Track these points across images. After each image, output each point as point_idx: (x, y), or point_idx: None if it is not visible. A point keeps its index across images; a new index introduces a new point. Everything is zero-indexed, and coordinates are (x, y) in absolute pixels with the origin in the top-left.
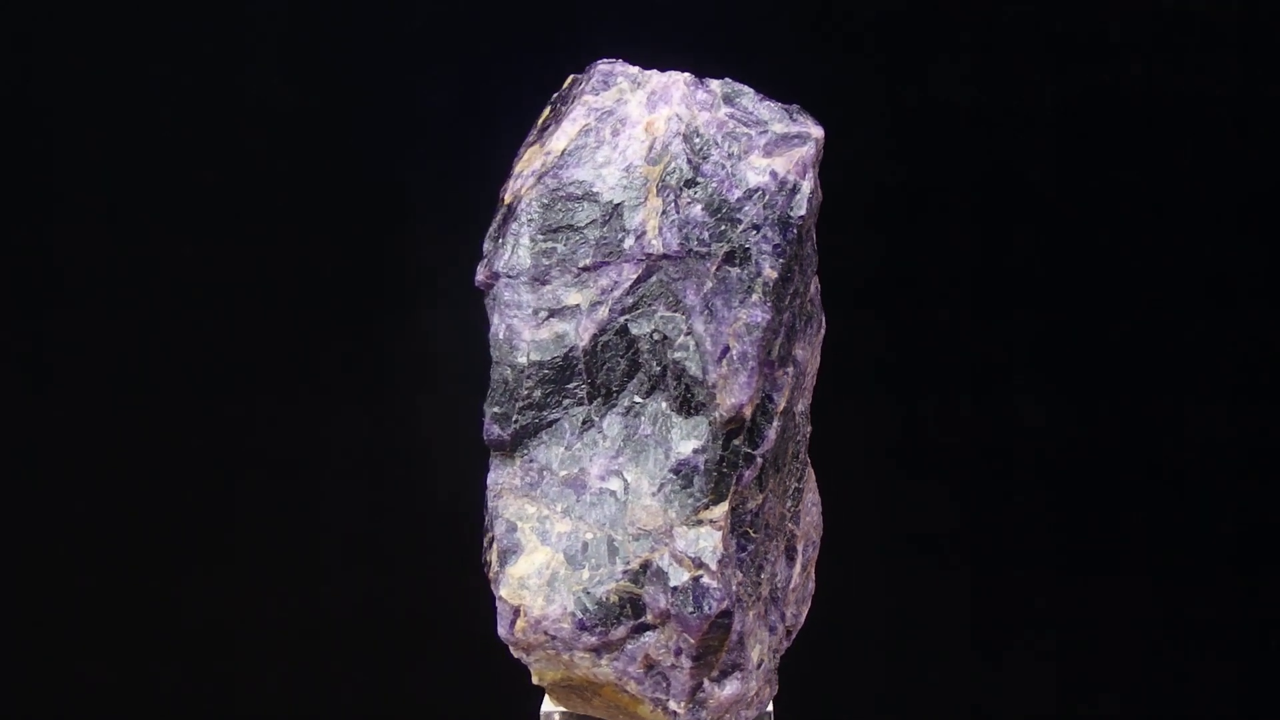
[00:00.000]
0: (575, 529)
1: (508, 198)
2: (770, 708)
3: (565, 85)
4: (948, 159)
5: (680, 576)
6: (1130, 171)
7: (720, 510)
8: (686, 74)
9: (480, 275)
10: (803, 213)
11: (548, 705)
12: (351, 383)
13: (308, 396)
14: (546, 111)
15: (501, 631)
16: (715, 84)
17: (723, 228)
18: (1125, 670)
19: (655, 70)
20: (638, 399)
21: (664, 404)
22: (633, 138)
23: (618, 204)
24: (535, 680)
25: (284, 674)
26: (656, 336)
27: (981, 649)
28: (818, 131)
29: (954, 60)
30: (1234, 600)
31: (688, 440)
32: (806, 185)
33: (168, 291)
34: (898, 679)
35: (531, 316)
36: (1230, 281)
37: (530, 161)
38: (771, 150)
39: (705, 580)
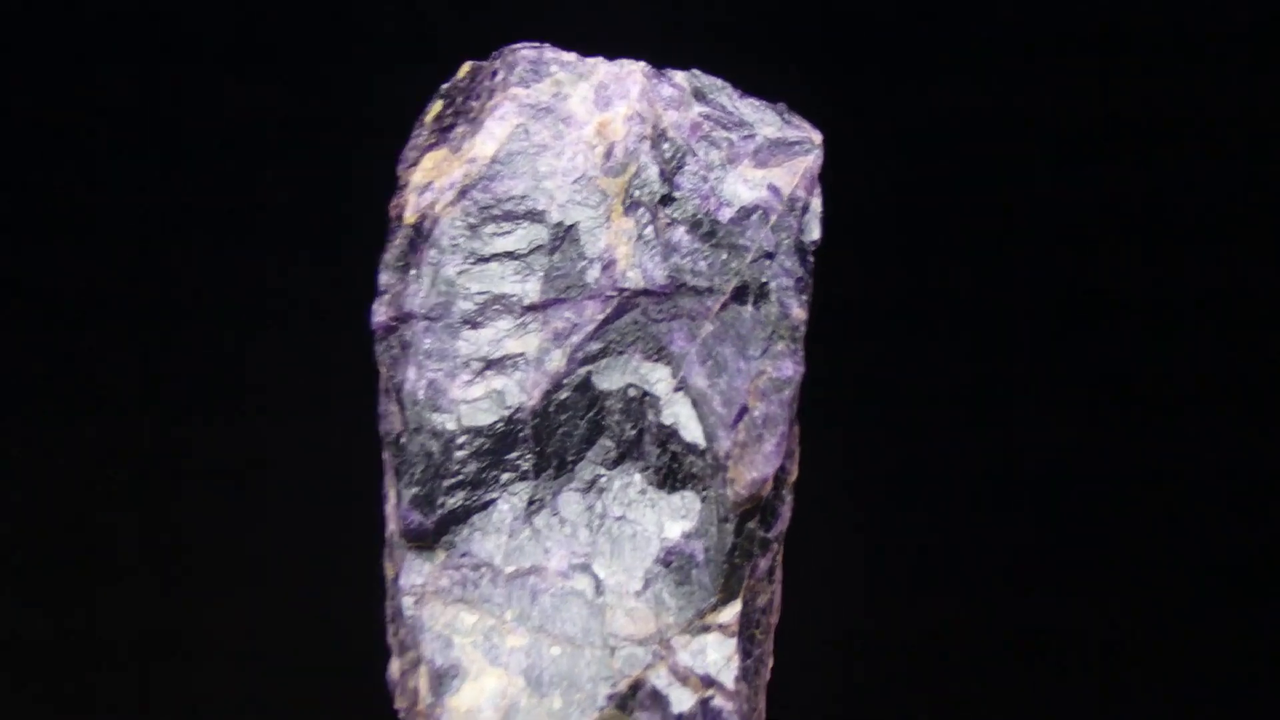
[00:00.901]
0: (535, 642)
1: (410, 216)
2: None
3: (462, 75)
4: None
5: (684, 700)
6: (1128, 184)
7: (732, 611)
8: (643, 63)
9: (381, 315)
10: (817, 237)
11: None
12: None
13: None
14: (438, 106)
15: None
16: (681, 76)
17: (723, 256)
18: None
19: (600, 58)
20: (602, 471)
21: (638, 477)
22: (581, 141)
23: (571, 225)
24: None
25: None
26: (632, 393)
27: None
28: (817, 136)
29: (937, 68)
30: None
31: (676, 522)
32: (817, 203)
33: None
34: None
35: (461, 369)
36: (1221, 294)
37: (441, 170)
38: (766, 159)
39: (718, 702)
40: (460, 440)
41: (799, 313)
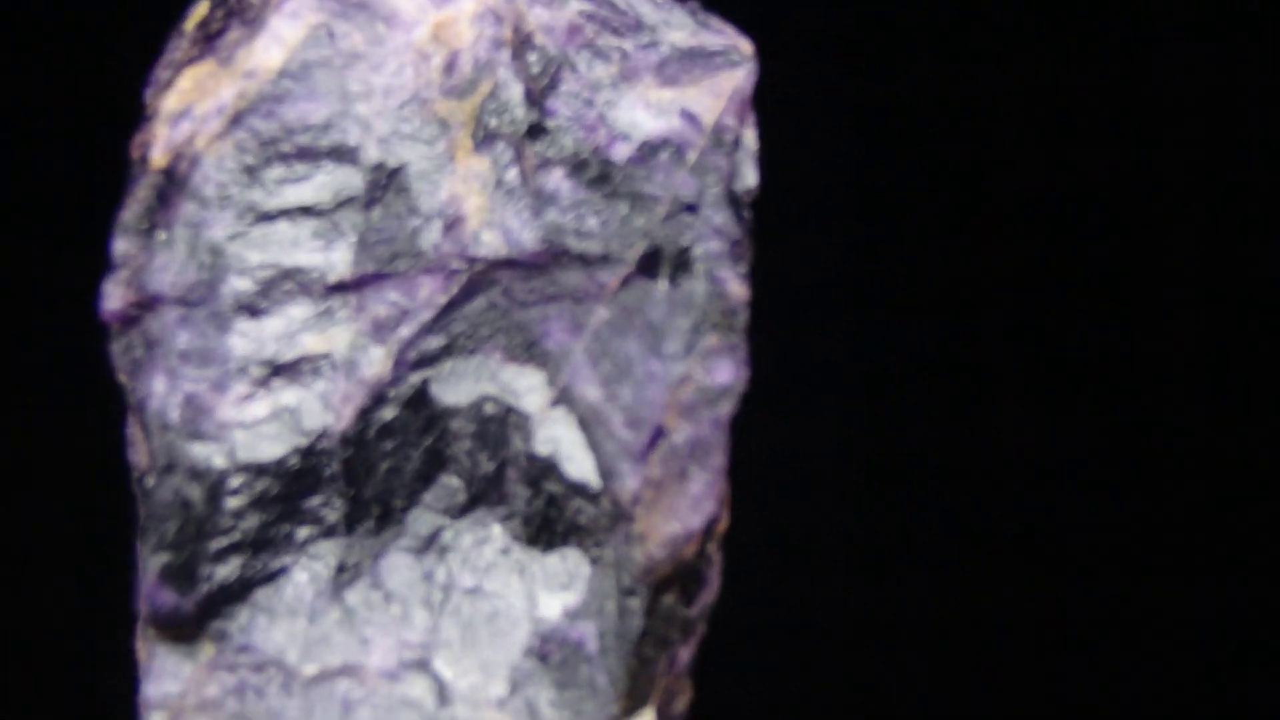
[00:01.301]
0: None
1: (159, 156)
2: None
3: None
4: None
5: None
6: (1098, 170)
7: None
8: None
9: (115, 300)
10: (754, 184)
11: None
12: None
13: None
14: (204, 7)
15: None
16: None
17: (622, 210)
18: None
19: None
20: (444, 522)
21: (497, 529)
22: (410, 49)
23: (397, 168)
24: None
25: None
26: (489, 410)
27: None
28: (746, 45)
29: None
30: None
31: (554, 594)
32: (751, 137)
33: None
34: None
35: (235, 378)
36: (1187, 282)
37: (204, 90)
38: (677, 76)
39: None
40: (234, 483)
41: (738, 290)
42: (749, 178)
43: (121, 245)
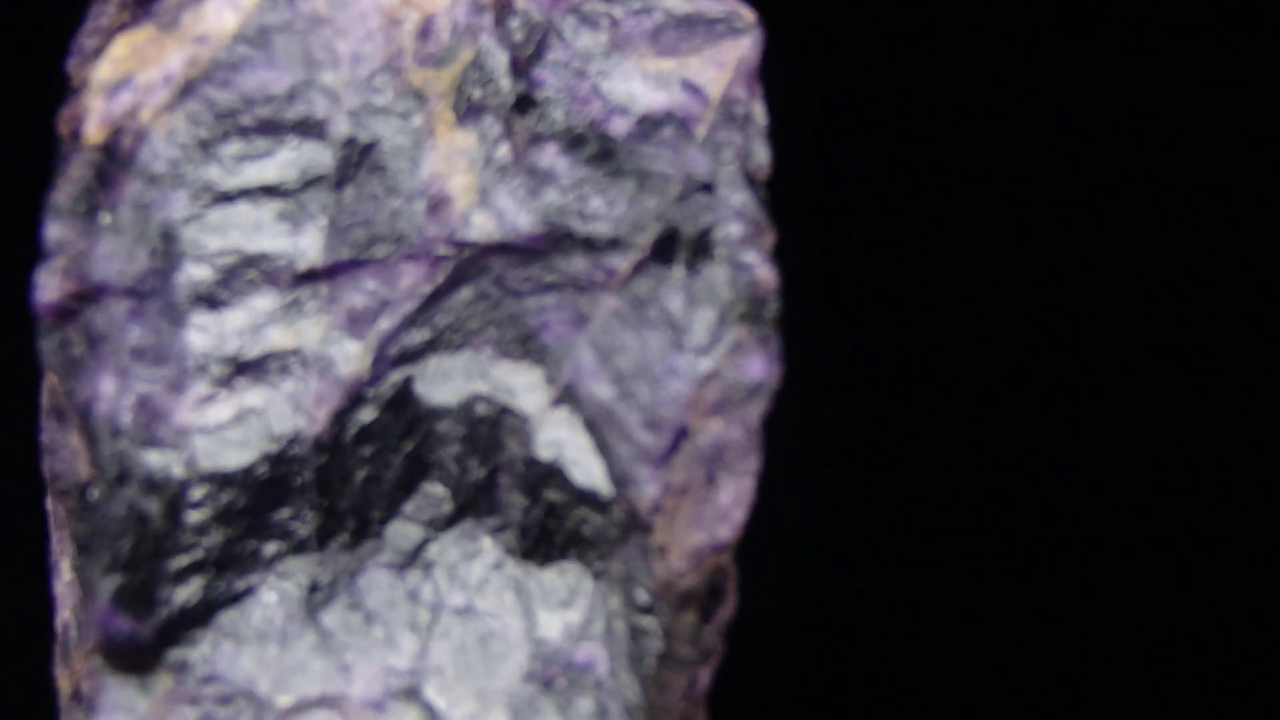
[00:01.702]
0: None
1: (95, 132)
2: None
3: None
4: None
5: None
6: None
7: None
8: None
9: (50, 292)
10: (766, 162)
11: None
12: None
13: None
14: None
15: None
16: None
17: (629, 189)
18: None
19: None
20: (428, 536)
21: (488, 541)
22: (380, 11)
23: (370, 143)
24: None
25: None
26: (481, 411)
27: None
28: (748, 12)
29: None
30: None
31: (554, 612)
32: (759, 112)
33: None
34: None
35: (194, 377)
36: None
37: (146, 58)
38: (675, 45)
39: None
40: (196, 495)
41: (766, 276)
42: (761, 155)
43: (55, 230)
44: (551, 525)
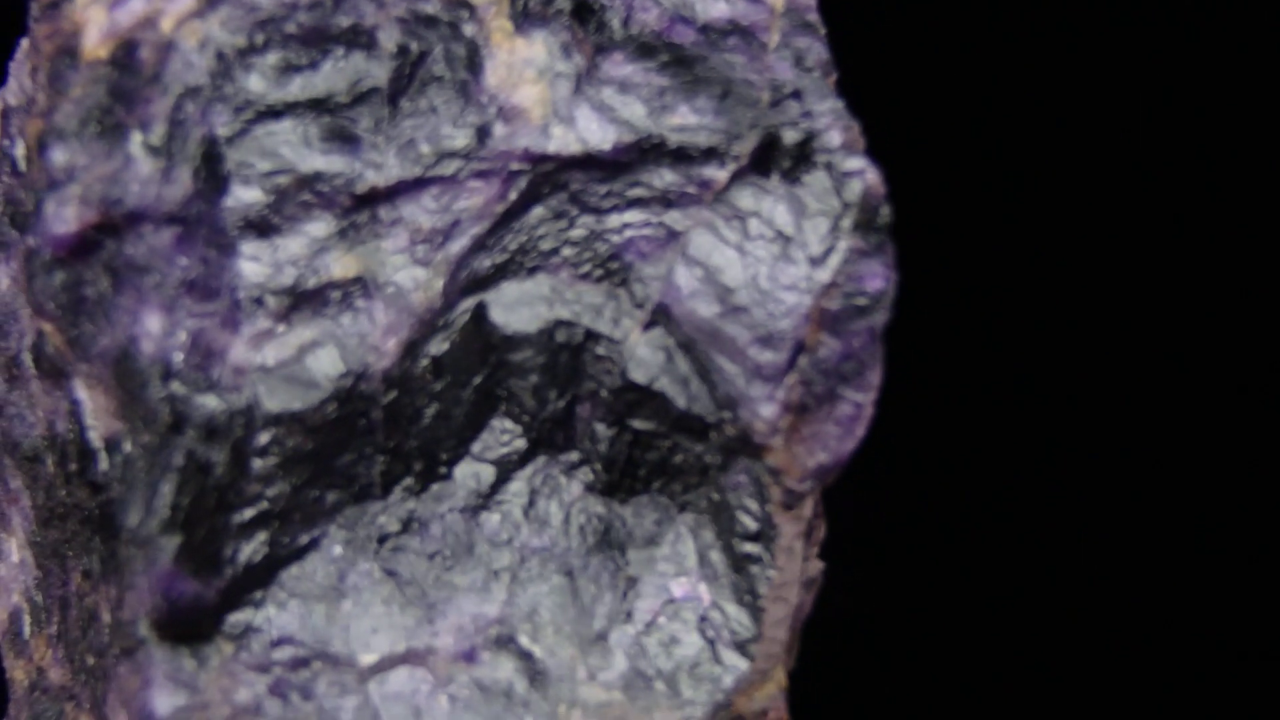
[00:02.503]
0: None
1: (96, 46)
2: None
3: None
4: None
5: None
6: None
7: (769, 691)
8: None
9: (65, 222)
10: (835, 73)
11: None
12: None
13: None
14: None
15: None
16: None
17: (717, 98)
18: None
19: None
20: (502, 474)
21: (567, 478)
22: None
23: (424, 52)
24: None
25: None
26: (562, 337)
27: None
28: None
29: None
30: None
31: (642, 549)
32: (815, 16)
33: None
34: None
35: (250, 312)
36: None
37: None
38: None
39: None
40: (262, 440)
41: (874, 181)
42: (831, 64)
43: (62, 155)
44: (636, 456)
